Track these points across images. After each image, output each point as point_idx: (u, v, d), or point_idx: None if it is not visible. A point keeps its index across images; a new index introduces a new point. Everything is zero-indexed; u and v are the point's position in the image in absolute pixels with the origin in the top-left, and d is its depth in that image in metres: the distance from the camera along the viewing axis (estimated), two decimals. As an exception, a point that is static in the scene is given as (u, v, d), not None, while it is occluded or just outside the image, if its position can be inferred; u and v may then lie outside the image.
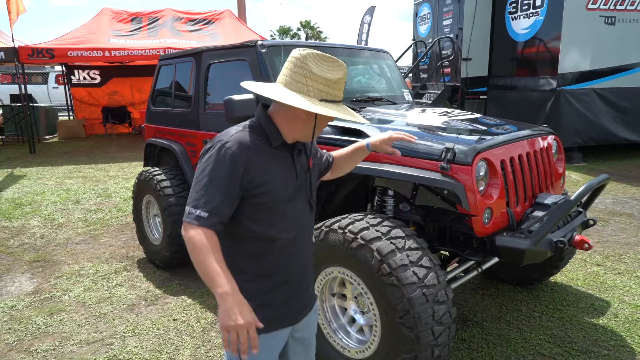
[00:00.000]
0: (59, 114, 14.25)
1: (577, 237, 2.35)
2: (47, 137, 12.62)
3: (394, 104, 3.58)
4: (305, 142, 1.53)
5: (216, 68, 3.53)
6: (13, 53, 9.43)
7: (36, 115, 11.64)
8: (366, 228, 2.16)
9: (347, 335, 2.41)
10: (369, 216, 2.28)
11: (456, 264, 2.78)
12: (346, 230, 2.19)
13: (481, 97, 9.84)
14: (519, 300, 3.28)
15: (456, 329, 2.88)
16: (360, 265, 2.13)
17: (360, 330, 2.39)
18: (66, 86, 13.57)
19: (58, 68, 14.42)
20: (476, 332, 2.88)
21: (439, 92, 9.74)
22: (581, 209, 2.66)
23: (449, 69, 10.06)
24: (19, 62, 9.61)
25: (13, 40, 9.68)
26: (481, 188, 2.24)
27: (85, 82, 13.27)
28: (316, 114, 1.37)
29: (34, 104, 12.48)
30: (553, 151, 2.89)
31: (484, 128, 2.70)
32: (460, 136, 2.43)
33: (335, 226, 2.25)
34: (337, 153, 1.78)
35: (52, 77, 18.14)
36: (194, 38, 10.56)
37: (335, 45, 3.81)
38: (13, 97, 12.07)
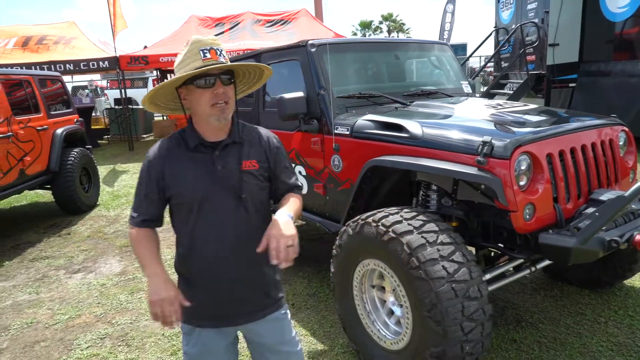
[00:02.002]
0: (154, 115, 15.66)
1: (638, 237, 2.15)
2: (145, 135, 13.96)
3: (450, 96, 3.50)
4: (245, 141, 1.56)
5: (273, 68, 3.70)
6: (115, 61, 10.59)
7: (135, 117, 12.94)
8: (399, 221, 2.19)
9: (385, 327, 2.45)
10: (405, 210, 2.30)
11: (506, 262, 2.67)
12: (379, 224, 2.23)
13: (570, 85, 9.05)
14: (585, 304, 3.05)
15: (507, 329, 2.79)
16: (391, 258, 2.16)
17: (398, 323, 2.42)
18: (161, 89, 14.83)
19: (155, 73, 15.82)
20: (529, 334, 2.75)
21: (522, 81, 9.14)
22: (650, 207, 2.41)
23: (533, 57, 9.39)
24: (119, 69, 10.76)
25: (115, 50, 10.86)
26: (522, 183, 2.14)
27: (176, 85, 14.41)
28: (181, 100, 1.52)
29: (134, 107, 13.85)
30: (621, 144, 2.65)
31: (535, 120, 2.56)
32: (502, 129, 2.35)
33: (370, 219, 2.30)
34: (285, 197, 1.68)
35: (150, 82, 19.95)
36: (271, 39, 11.00)
37: (388, 40, 3.81)
38: (116, 101, 13.52)
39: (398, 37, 38.74)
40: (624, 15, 7.96)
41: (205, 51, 1.43)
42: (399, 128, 2.58)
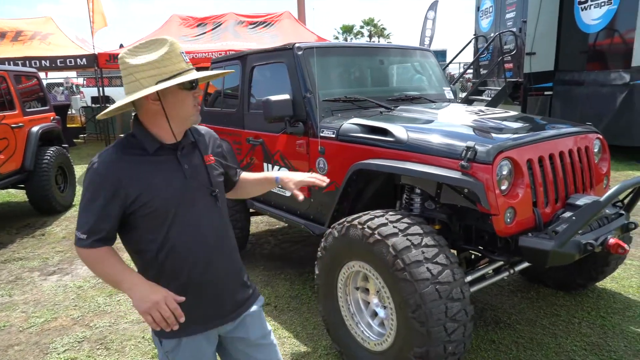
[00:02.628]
0: (132, 114, 15.37)
1: (612, 240, 2.24)
2: (122, 135, 13.71)
3: (433, 102, 3.57)
4: (198, 140, 1.53)
5: (259, 70, 3.72)
6: (93, 59, 10.38)
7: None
8: (384, 224, 2.22)
9: (369, 328, 2.48)
10: (390, 213, 2.34)
11: (486, 264, 2.74)
12: (365, 226, 2.26)
13: (546, 93, 9.32)
14: (559, 305, 3.15)
15: (486, 330, 2.86)
16: (377, 260, 2.19)
17: (382, 324, 2.45)
18: (139, 88, 14.59)
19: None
20: (507, 334, 2.82)
21: (500, 88, 9.37)
22: (623, 212, 2.52)
23: (511, 65, 9.64)
24: (98, 67, 10.55)
25: (94, 48, 10.64)
26: (504, 187, 2.21)
27: (156, 84, 14.20)
28: (161, 101, 1.38)
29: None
30: (595, 151, 2.76)
31: (516, 127, 2.64)
32: (484, 134, 2.41)
33: (355, 222, 2.33)
34: (245, 175, 1.77)
35: (129, 80, 19.59)
36: (254, 40, 10.97)
37: (373, 45, 3.86)
38: (93, 99, 13.26)
39: (379, 42, 39.12)
40: (597, 27, 8.27)
41: (183, 54, 1.42)
42: (384, 132, 2.62)
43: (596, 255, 2.93)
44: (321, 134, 2.98)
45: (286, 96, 3.07)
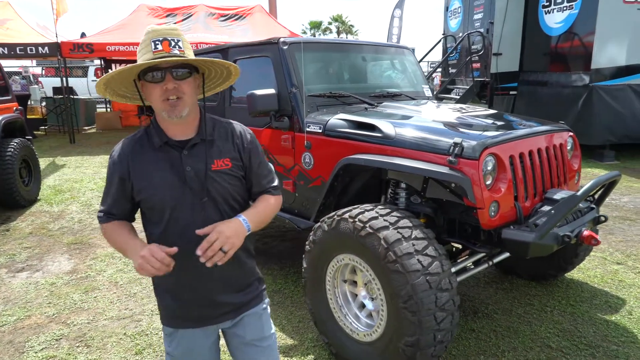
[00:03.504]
0: (97, 106, 14.87)
1: (586, 232, 2.39)
2: (86, 127, 13.23)
3: (413, 99, 3.65)
4: (217, 139, 1.47)
5: (241, 64, 3.69)
6: (56, 48, 9.95)
7: (76, 107, 12.21)
8: (375, 218, 2.27)
9: (356, 320, 2.53)
10: (379, 207, 2.39)
11: (467, 256, 2.85)
12: (356, 219, 2.30)
13: (511, 92, 9.68)
14: (532, 295, 3.31)
15: (466, 320, 2.98)
16: (368, 252, 2.24)
17: (370, 316, 2.51)
18: (104, 79, 14.10)
19: (98, 62, 15.04)
20: (485, 324, 2.95)
21: (468, 87, 9.65)
22: (593, 206, 2.68)
23: (478, 64, 9.94)
24: (61, 57, 10.13)
25: (57, 36, 10.20)
26: (488, 182, 2.30)
27: (122, 75, 13.75)
28: (141, 96, 1.47)
29: (75, 97, 13.07)
30: (568, 148, 2.91)
31: (496, 124, 2.75)
32: (469, 131, 2.50)
33: (346, 215, 2.37)
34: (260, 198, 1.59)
35: (91, 71, 18.88)
36: (225, 33, 10.82)
37: (356, 42, 3.91)
38: (55, 90, 12.71)
39: (347, 38, 39.33)
40: (560, 30, 8.64)
41: (157, 42, 1.32)
42: (372, 128, 2.67)
43: (567, 247, 3.09)
44: (307, 129, 3.00)
45: (272, 90, 3.07)
